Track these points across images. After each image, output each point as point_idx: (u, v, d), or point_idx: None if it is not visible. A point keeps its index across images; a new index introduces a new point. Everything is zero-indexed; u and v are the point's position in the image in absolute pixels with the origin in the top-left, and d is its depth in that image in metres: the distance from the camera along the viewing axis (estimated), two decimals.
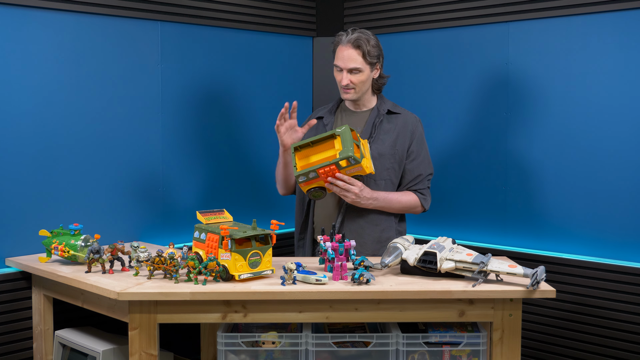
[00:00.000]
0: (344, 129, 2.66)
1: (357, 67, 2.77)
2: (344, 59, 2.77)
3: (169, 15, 3.31)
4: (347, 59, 2.76)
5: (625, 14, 2.99)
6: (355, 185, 2.69)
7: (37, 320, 2.90)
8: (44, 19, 2.92)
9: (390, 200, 2.81)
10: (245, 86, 3.66)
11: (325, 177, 2.67)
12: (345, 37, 2.78)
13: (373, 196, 2.75)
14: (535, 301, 3.23)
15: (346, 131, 2.65)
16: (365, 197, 2.73)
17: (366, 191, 2.73)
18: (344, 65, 2.78)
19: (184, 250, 2.46)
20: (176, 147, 3.40)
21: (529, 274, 2.28)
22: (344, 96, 2.84)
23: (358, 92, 2.83)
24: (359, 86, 2.80)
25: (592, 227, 3.14)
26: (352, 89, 2.81)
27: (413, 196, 2.85)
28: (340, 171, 2.66)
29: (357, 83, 2.79)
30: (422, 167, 2.87)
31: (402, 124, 2.87)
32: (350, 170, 2.67)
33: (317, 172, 2.66)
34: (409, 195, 2.85)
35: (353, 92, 2.82)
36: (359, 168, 2.66)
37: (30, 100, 2.91)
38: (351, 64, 2.76)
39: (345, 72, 2.78)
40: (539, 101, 3.26)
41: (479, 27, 3.43)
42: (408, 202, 2.85)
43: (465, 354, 2.44)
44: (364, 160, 2.66)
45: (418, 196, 2.86)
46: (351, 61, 2.76)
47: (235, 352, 2.44)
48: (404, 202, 2.84)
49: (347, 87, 2.80)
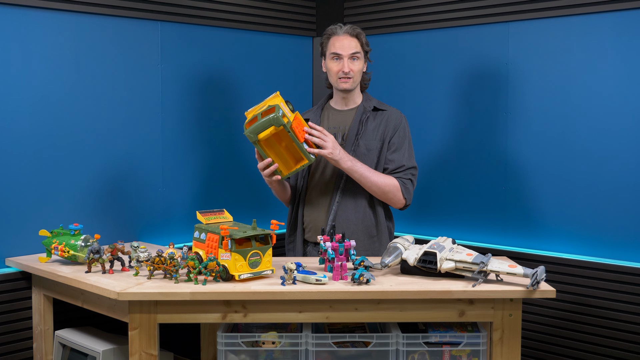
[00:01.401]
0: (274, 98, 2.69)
1: (358, 52, 2.83)
2: (343, 46, 2.82)
3: (169, 15, 3.31)
4: (348, 46, 2.82)
5: (625, 14, 2.99)
6: (329, 135, 2.74)
7: (37, 320, 2.90)
8: (44, 19, 2.92)
9: (368, 170, 2.78)
10: (245, 86, 3.66)
11: (299, 131, 2.68)
12: (341, 29, 2.85)
13: (350, 157, 2.77)
14: (535, 301, 3.23)
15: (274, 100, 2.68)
16: (342, 151, 2.74)
17: (342, 149, 2.75)
18: (344, 52, 2.82)
19: (184, 250, 2.46)
20: (176, 147, 3.40)
21: (529, 274, 2.28)
22: (342, 85, 2.86)
23: (355, 82, 2.87)
24: (357, 75, 2.85)
25: (592, 227, 3.14)
26: (350, 78, 2.84)
27: (393, 180, 2.82)
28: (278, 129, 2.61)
29: (356, 71, 2.84)
30: (405, 158, 2.85)
31: (386, 119, 2.88)
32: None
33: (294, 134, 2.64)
34: (389, 177, 2.82)
35: (351, 81, 2.85)
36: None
37: (30, 100, 2.91)
38: (353, 49, 2.82)
39: (346, 59, 2.82)
40: (539, 101, 3.26)
41: (479, 27, 3.44)
42: (386, 182, 2.80)
43: (465, 354, 2.44)
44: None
45: (399, 182, 2.83)
46: (351, 47, 2.82)
47: (235, 352, 2.44)
48: (382, 180, 2.80)
49: (347, 74, 2.83)
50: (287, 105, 2.70)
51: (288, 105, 2.71)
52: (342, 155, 2.74)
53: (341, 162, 2.74)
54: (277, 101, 2.67)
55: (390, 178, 2.82)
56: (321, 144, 2.72)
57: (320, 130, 2.74)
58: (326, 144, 2.72)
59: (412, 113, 3.53)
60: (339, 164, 2.75)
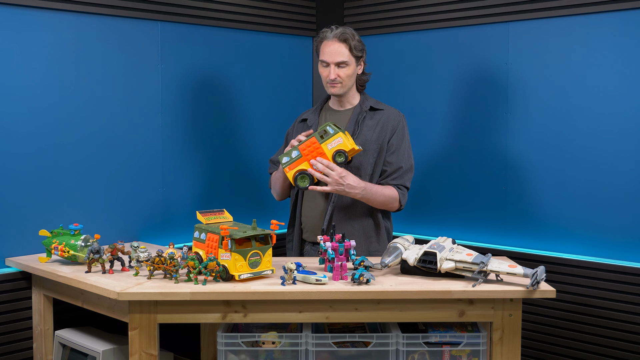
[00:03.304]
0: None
1: (344, 61, 2.79)
2: (331, 53, 2.79)
3: (169, 15, 3.31)
4: (335, 52, 2.79)
5: (625, 14, 2.99)
6: (334, 170, 2.70)
7: (37, 320, 2.90)
8: (45, 19, 2.92)
9: (375, 192, 2.79)
10: (246, 86, 3.66)
11: (308, 157, 2.72)
12: (331, 33, 2.81)
13: (360, 185, 2.74)
14: (535, 301, 3.23)
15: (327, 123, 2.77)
16: (350, 185, 2.71)
17: (351, 179, 2.72)
18: (331, 59, 2.79)
19: (184, 250, 2.46)
20: (176, 147, 3.40)
21: (529, 274, 2.28)
22: (331, 90, 2.85)
23: (344, 87, 2.84)
24: (345, 80, 2.82)
25: (592, 227, 3.14)
26: (339, 83, 2.82)
27: (393, 190, 2.83)
28: (322, 145, 2.71)
29: (343, 77, 2.81)
30: (403, 160, 2.86)
31: (385, 119, 2.88)
32: (332, 144, 2.70)
33: (299, 151, 2.73)
34: (390, 189, 2.83)
35: (340, 87, 2.83)
36: (339, 140, 2.70)
37: (30, 100, 2.91)
38: (338, 58, 2.79)
39: (332, 66, 2.80)
40: (539, 101, 3.26)
41: (479, 27, 3.43)
42: (389, 196, 2.82)
43: (465, 354, 2.44)
44: (344, 135, 2.70)
45: (398, 192, 2.84)
46: (338, 55, 2.79)
47: (235, 352, 2.44)
48: (387, 195, 2.81)
49: (334, 81, 2.81)
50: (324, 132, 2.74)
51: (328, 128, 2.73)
52: (348, 190, 2.72)
53: (348, 195, 2.74)
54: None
55: (390, 188, 2.83)
56: (323, 180, 2.71)
57: (325, 166, 2.70)
58: (329, 180, 2.70)
59: (412, 113, 3.54)
60: (347, 195, 2.75)
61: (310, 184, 2.75)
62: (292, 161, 2.76)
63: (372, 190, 2.78)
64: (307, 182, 2.75)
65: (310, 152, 2.74)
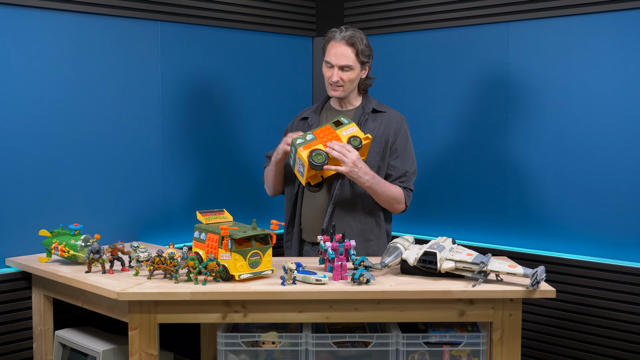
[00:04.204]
0: None
1: (349, 65, 2.76)
2: (337, 55, 2.77)
3: (169, 15, 3.31)
4: (340, 55, 2.76)
5: (625, 14, 2.99)
6: (351, 152, 2.67)
7: (37, 320, 2.90)
8: (45, 19, 2.92)
9: (383, 185, 2.77)
10: (246, 86, 3.66)
11: (323, 139, 2.70)
12: (339, 34, 2.77)
13: (370, 173, 2.72)
14: (535, 301, 3.23)
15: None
16: (363, 170, 2.69)
17: (363, 165, 2.70)
18: (336, 62, 2.77)
19: (184, 250, 2.46)
20: (176, 147, 3.40)
21: (529, 274, 2.28)
22: (332, 93, 2.84)
23: (346, 91, 2.83)
24: (347, 84, 2.80)
25: (592, 227, 3.14)
26: (340, 87, 2.81)
27: (400, 189, 2.83)
28: (337, 132, 2.70)
29: (346, 81, 2.79)
30: (408, 164, 2.86)
31: (387, 121, 2.86)
32: (347, 131, 2.70)
33: (314, 135, 2.70)
34: (396, 187, 2.83)
35: (341, 90, 2.82)
36: (353, 128, 2.70)
37: (30, 100, 2.91)
38: (343, 61, 2.76)
39: (336, 69, 2.77)
40: (539, 101, 3.26)
41: (479, 27, 3.44)
42: (396, 193, 2.81)
43: (465, 354, 2.44)
44: (357, 126, 2.71)
45: (404, 192, 2.84)
46: (344, 58, 2.76)
47: (235, 352, 2.44)
48: (393, 192, 2.80)
49: (336, 84, 2.79)
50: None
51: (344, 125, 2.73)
52: (361, 174, 2.69)
53: (359, 179, 2.70)
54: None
55: (396, 187, 2.82)
56: (340, 158, 2.67)
57: (342, 146, 2.67)
58: (346, 160, 2.66)
59: (412, 113, 3.53)
60: (357, 181, 2.72)
61: (325, 162, 2.69)
62: (306, 142, 2.69)
63: (380, 182, 2.76)
64: (323, 158, 2.68)
65: (325, 135, 2.71)
